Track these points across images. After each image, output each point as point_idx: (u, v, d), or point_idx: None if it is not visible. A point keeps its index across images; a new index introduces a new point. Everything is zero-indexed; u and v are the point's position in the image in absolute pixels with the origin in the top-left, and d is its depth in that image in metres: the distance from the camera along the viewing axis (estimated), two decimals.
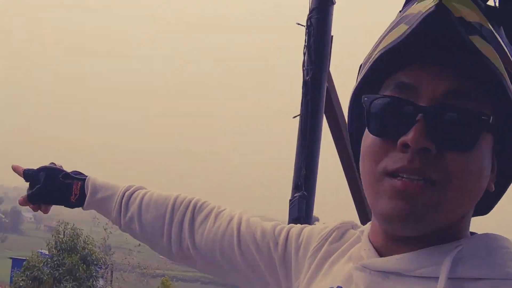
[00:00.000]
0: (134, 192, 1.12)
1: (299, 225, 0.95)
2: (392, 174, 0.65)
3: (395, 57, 0.68)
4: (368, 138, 0.69)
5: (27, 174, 1.18)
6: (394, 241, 0.70)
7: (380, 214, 0.67)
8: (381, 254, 0.72)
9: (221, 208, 1.05)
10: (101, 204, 1.14)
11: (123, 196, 1.12)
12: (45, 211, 1.20)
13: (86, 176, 1.17)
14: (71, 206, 1.16)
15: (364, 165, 0.70)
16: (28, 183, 1.18)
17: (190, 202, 1.07)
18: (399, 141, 0.64)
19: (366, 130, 0.70)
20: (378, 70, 0.70)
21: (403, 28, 0.65)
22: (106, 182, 1.16)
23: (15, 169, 1.20)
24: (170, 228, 1.05)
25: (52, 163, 1.20)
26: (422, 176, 0.63)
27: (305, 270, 0.86)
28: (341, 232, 0.86)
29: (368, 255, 0.73)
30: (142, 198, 1.10)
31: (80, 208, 1.17)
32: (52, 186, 1.15)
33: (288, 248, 0.91)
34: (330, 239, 0.86)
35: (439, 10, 0.60)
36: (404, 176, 0.64)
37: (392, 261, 0.69)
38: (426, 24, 0.62)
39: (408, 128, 0.64)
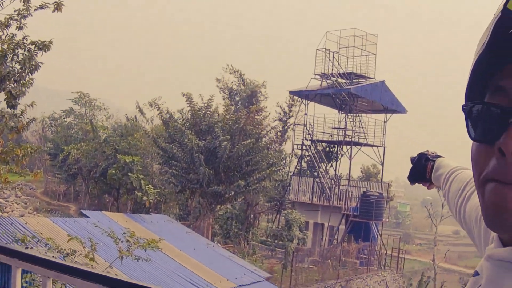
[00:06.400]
0: (454, 172, 1.28)
1: None
2: (491, 180, 0.66)
3: (496, 59, 0.65)
4: (472, 146, 0.70)
5: (411, 160, 1.50)
6: None
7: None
8: (505, 244, 0.71)
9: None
10: (437, 180, 1.39)
11: (447, 174, 1.30)
12: (428, 188, 1.49)
13: (439, 157, 1.43)
14: (428, 181, 1.45)
15: (473, 172, 0.71)
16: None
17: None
18: (495, 146, 0.64)
19: None
20: (481, 73, 0.69)
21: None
22: (447, 163, 1.37)
23: None
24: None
25: (427, 151, 1.50)
26: None
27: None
28: None
29: (495, 245, 0.73)
30: (452, 177, 1.26)
31: None
32: (417, 168, 1.47)
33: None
34: None
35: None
36: (500, 181, 0.64)
37: (509, 251, 0.68)
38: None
39: (501, 132, 0.63)
